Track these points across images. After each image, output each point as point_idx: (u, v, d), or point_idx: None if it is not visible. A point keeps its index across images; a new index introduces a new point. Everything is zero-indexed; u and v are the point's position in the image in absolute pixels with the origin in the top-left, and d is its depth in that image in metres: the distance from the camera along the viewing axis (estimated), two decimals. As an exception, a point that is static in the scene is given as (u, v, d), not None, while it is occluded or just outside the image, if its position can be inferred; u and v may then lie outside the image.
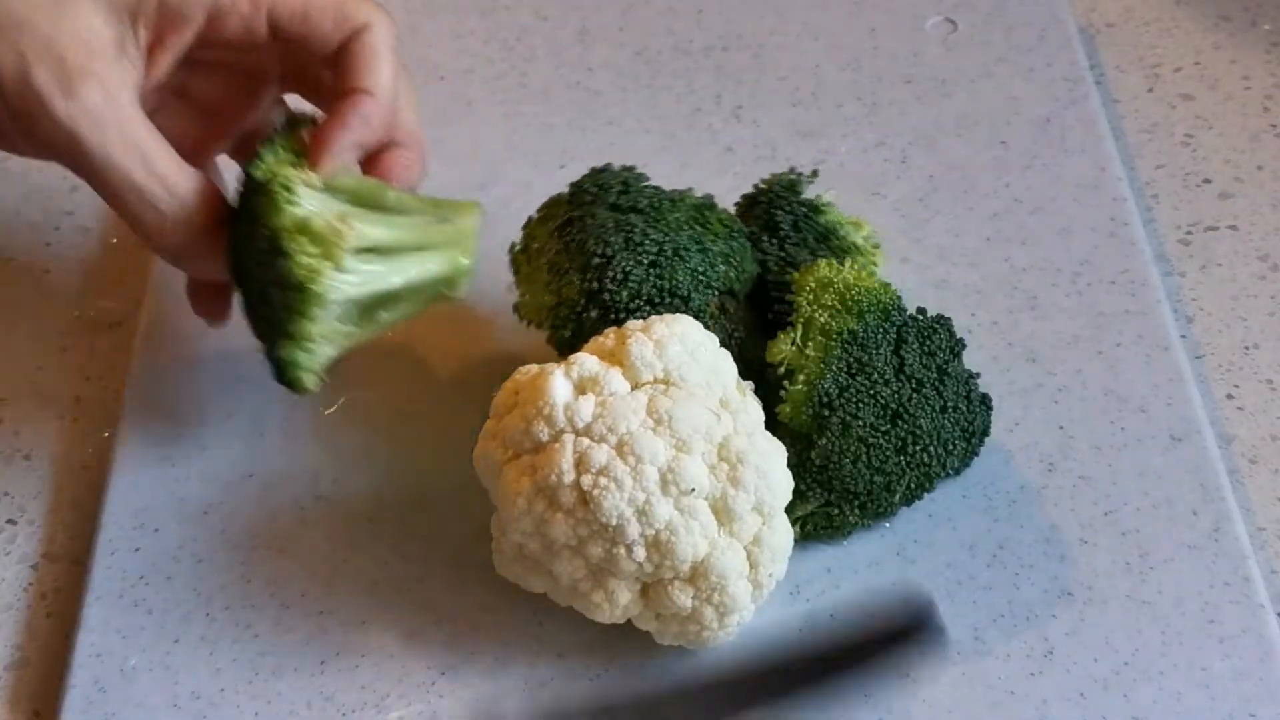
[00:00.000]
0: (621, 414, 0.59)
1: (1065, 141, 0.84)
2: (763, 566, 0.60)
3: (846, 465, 0.64)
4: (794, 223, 0.71)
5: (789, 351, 0.65)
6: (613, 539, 0.59)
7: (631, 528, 0.58)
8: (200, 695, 0.63)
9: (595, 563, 0.60)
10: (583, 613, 0.62)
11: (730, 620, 0.61)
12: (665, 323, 0.62)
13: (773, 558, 0.61)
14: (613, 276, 0.65)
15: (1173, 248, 0.81)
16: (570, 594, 0.61)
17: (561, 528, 0.59)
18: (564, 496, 0.59)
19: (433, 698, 0.63)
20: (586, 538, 0.59)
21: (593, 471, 0.58)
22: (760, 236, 0.71)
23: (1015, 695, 0.62)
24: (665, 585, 0.60)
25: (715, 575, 0.59)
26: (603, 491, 0.58)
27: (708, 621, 0.60)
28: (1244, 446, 0.72)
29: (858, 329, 0.65)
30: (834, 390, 0.64)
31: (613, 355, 0.62)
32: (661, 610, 0.61)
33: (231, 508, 0.69)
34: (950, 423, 0.66)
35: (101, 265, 0.82)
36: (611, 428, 0.59)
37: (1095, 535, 0.67)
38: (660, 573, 0.59)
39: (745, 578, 0.60)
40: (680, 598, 0.60)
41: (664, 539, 0.59)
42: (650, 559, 0.59)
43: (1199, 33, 0.93)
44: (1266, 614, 0.64)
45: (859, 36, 0.91)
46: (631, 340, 0.61)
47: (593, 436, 0.59)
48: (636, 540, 0.59)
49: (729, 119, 0.87)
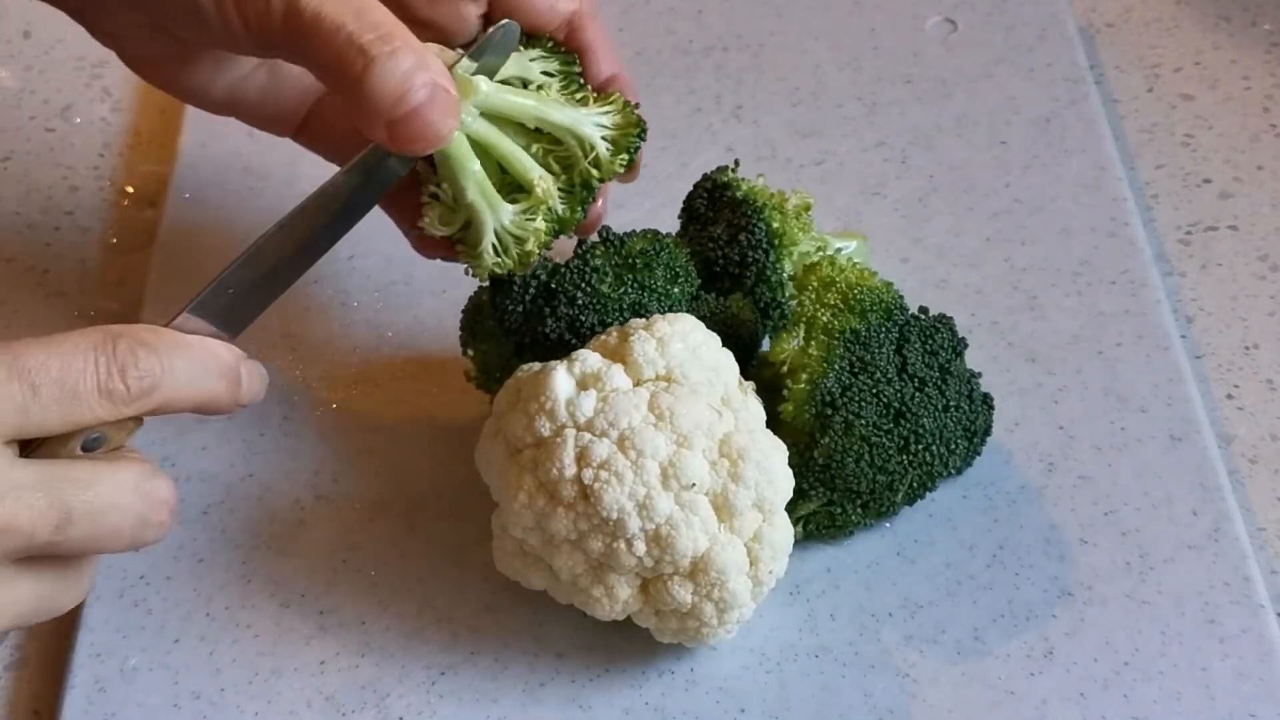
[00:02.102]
0: (623, 409, 0.59)
1: (1065, 141, 0.84)
2: (763, 563, 0.61)
3: (849, 464, 0.64)
4: (709, 202, 0.71)
5: (791, 351, 0.65)
6: (613, 533, 0.59)
7: (632, 522, 0.58)
8: (200, 695, 0.63)
9: (595, 557, 0.60)
10: (582, 609, 0.62)
11: (730, 617, 0.61)
12: (668, 321, 0.62)
13: (773, 555, 0.61)
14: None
15: (1173, 248, 0.81)
16: (570, 590, 0.61)
17: (562, 522, 0.59)
18: (565, 490, 0.59)
19: (433, 698, 0.63)
20: (587, 532, 0.59)
21: (594, 465, 0.59)
22: (689, 229, 0.71)
23: (1015, 695, 0.62)
24: (665, 580, 0.60)
25: (715, 571, 0.59)
26: (604, 485, 0.58)
27: (707, 618, 0.60)
28: (1244, 446, 0.72)
29: (860, 328, 0.65)
30: (837, 389, 0.64)
31: (615, 352, 0.62)
32: (661, 606, 0.61)
33: (231, 508, 0.69)
34: (953, 422, 0.66)
35: (101, 265, 0.82)
36: (613, 423, 0.59)
37: (1095, 535, 0.67)
38: (660, 568, 0.60)
39: (745, 574, 0.60)
40: (680, 593, 0.60)
41: (664, 533, 0.59)
42: (650, 553, 0.59)
43: (1199, 33, 0.93)
44: (1266, 614, 0.64)
45: (859, 36, 0.91)
46: (634, 337, 0.61)
47: (594, 431, 0.59)
48: (637, 534, 0.59)
49: (729, 119, 0.87)
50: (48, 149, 0.87)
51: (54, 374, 0.51)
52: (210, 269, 0.80)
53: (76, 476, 0.52)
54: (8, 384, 0.51)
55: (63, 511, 0.51)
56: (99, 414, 0.52)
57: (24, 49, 0.93)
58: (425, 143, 0.59)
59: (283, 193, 0.82)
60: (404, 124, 0.58)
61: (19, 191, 0.85)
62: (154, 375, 0.53)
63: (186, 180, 0.83)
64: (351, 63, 0.58)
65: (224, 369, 0.56)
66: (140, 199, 0.85)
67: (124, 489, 0.53)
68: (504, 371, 0.68)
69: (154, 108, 0.90)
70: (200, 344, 0.55)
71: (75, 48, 0.93)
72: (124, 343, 0.53)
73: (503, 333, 0.67)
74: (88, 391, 0.52)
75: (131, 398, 0.52)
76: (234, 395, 0.56)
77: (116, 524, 0.53)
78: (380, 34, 0.57)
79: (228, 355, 0.56)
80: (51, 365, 0.51)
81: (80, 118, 0.89)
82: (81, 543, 0.52)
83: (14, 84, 0.91)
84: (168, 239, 0.80)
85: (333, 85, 0.59)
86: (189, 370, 0.54)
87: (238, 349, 0.57)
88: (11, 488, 0.50)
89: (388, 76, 0.57)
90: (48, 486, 0.51)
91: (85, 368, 0.52)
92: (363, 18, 0.58)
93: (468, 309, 0.70)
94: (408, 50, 0.58)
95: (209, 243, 0.80)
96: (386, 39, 0.57)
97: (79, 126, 0.89)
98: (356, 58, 0.57)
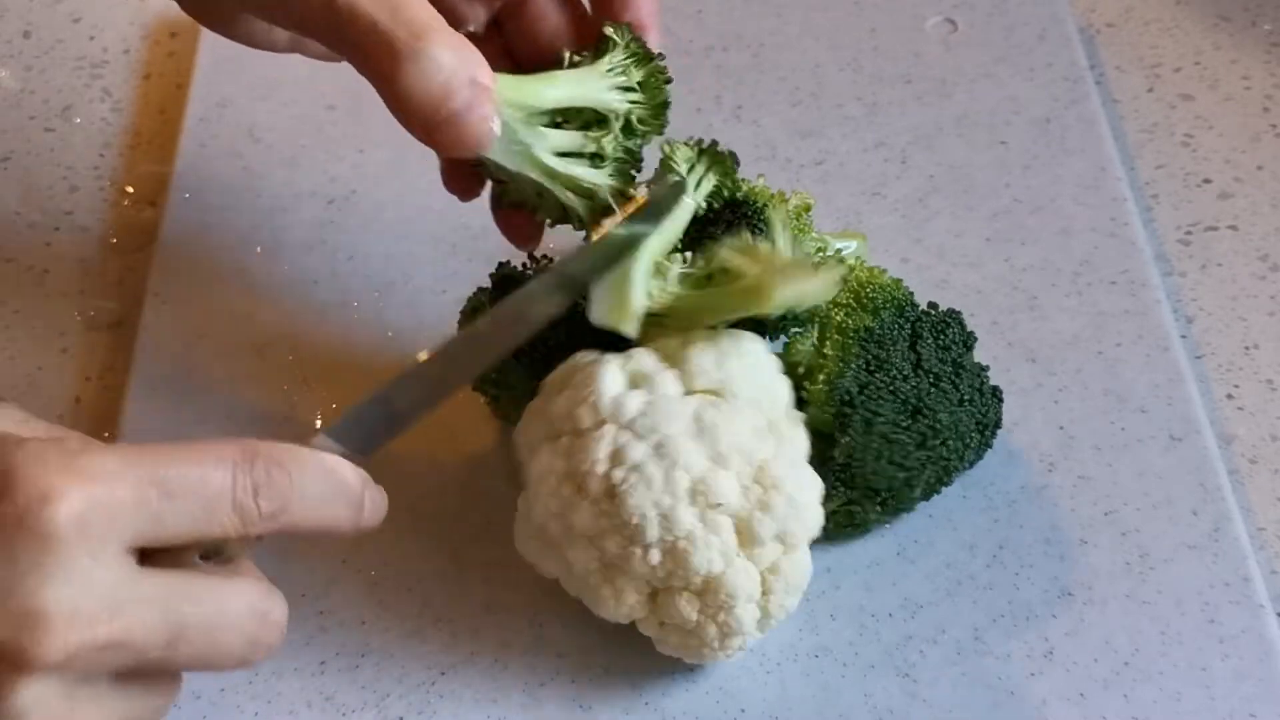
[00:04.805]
0: (666, 416, 0.59)
1: (1065, 141, 0.84)
2: (775, 596, 0.60)
3: (869, 462, 0.64)
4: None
5: (807, 351, 0.65)
6: (631, 537, 0.58)
7: (652, 529, 0.58)
8: (200, 695, 0.63)
9: (610, 558, 0.59)
10: (589, 606, 0.62)
11: (732, 643, 0.60)
12: (732, 337, 0.62)
13: (786, 589, 0.60)
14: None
15: (1173, 248, 0.81)
16: (580, 584, 0.61)
17: (584, 515, 0.59)
18: (593, 485, 0.59)
19: (433, 698, 0.63)
20: (606, 530, 0.59)
21: (625, 466, 0.58)
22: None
23: (1015, 695, 0.62)
24: (674, 594, 0.59)
25: (725, 594, 0.59)
26: (631, 488, 0.58)
27: (709, 639, 0.60)
28: (1244, 446, 0.72)
29: (874, 326, 0.65)
30: (854, 388, 0.64)
31: (673, 357, 0.61)
32: (666, 619, 0.60)
33: (231, 508, 0.69)
34: (967, 416, 0.65)
35: (101, 265, 0.82)
36: (654, 427, 0.59)
37: (1095, 535, 0.67)
38: (671, 581, 0.59)
39: (755, 602, 0.59)
40: (686, 609, 0.59)
41: (681, 547, 0.58)
42: (664, 565, 0.59)
43: (1199, 33, 0.93)
44: (1266, 614, 0.64)
45: (859, 36, 0.91)
46: (694, 346, 0.61)
47: (633, 432, 0.59)
48: (654, 543, 0.58)
49: (729, 119, 0.86)
50: (48, 149, 0.87)
51: (192, 485, 0.49)
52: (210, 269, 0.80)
53: (195, 594, 0.50)
54: (145, 488, 0.49)
55: (176, 629, 0.49)
56: (228, 530, 0.50)
57: (24, 49, 0.93)
58: (465, 149, 0.58)
59: (283, 193, 0.82)
60: (442, 130, 0.57)
61: (19, 191, 0.85)
62: (285, 497, 0.51)
63: (186, 180, 0.83)
64: (383, 61, 0.56)
65: (351, 497, 0.54)
66: (140, 199, 0.85)
67: (240, 609, 0.51)
68: (501, 373, 0.68)
69: (154, 108, 0.90)
70: (330, 468, 0.53)
71: (75, 48, 0.93)
72: (261, 462, 0.51)
73: None
74: (222, 508, 0.50)
75: (262, 518, 0.51)
76: (356, 522, 0.55)
77: (229, 645, 0.51)
78: (413, 30, 0.56)
79: (355, 481, 0.54)
80: (190, 475, 0.49)
81: (80, 118, 0.89)
82: (189, 661, 0.50)
83: (14, 84, 0.91)
84: (168, 239, 0.80)
85: (371, 81, 0.58)
86: (319, 495, 0.53)
87: (364, 473, 0.55)
88: (129, 601, 0.48)
89: (423, 78, 0.56)
90: (165, 600, 0.49)
91: (223, 482, 0.50)
92: (399, 15, 0.56)
93: (466, 310, 0.70)
94: (445, 48, 0.56)
95: (209, 243, 0.80)
96: (421, 34, 0.56)
97: (79, 126, 0.89)
98: (387, 56, 0.56)
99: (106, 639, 0.48)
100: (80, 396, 0.76)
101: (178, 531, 0.49)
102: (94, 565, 0.47)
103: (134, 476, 0.48)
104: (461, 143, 0.58)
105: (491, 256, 0.70)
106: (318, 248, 0.80)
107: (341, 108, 0.86)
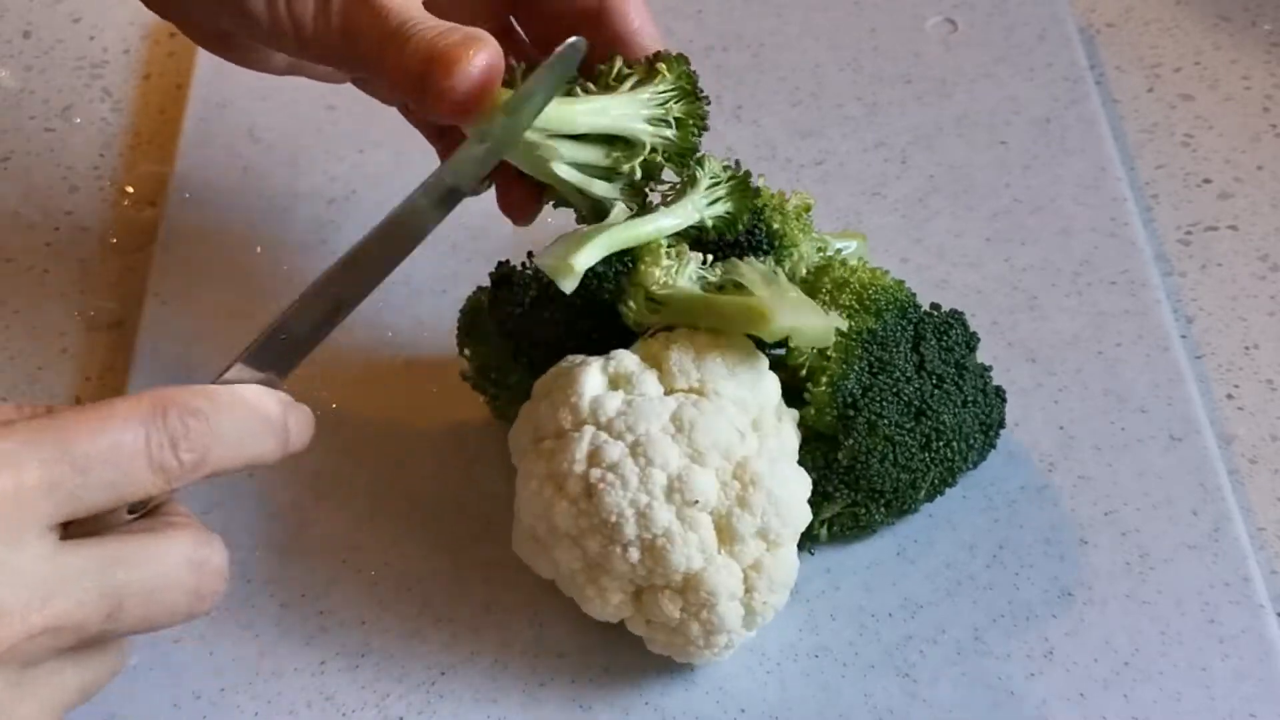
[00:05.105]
0: (644, 415, 0.59)
1: (1065, 141, 0.84)
2: (759, 593, 0.60)
3: (874, 464, 0.64)
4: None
5: (809, 354, 0.65)
6: (609, 536, 0.59)
7: (629, 527, 0.58)
8: (200, 695, 0.63)
9: (592, 557, 0.59)
10: (579, 605, 0.62)
11: (717, 640, 0.60)
12: (712, 335, 0.62)
13: (770, 587, 0.60)
14: None
15: (1173, 248, 0.81)
16: (569, 584, 0.61)
17: (564, 515, 0.59)
18: (571, 485, 0.59)
19: (433, 698, 0.63)
20: (586, 530, 0.59)
21: (602, 466, 0.58)
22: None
23: (1015, 695, 0.62)
24: (656, 592, 0.60)
25: (705, 591, 0.59)
26: (607, 487, 0.58)
27: (694, 637, 0.60)
28: (1244, 446, 0.72)
29: (877, 328, 0.65)
30: (858, 390, 0.64)
31: (654, 358, 0.61)
32: (651, 617, 0.60)
33: (231, 508, 0.69)
34: (970, 416, 0.65)
35: (101, 265, 0.82)
36: (631, 427, 0.59)
37: (1095, 535, 0.67)
38: (653, 579, 0.59)
39: (738, 600, 0.59)
40: (669, 607, 0.59)
41: (659, 545, 0.58)
42: (644, 563, 0.59)
43: (1199, 33, 0.93)
44: (1266, 614, 0.64)
45: (859, 36, 0.91)
46: (674, 346, 0.61)
47: (611, 432, 0.59)
48: (632, 541, 0.58)
49: (729, 119, 0.86)
50: (48, 149, 0.87)
51: (104, 454, 0.48)
52: (210, 269, 0.80)
53: (127, 558, 0.49)
54: (55, 466, 0.47)
55: (114, 600, 0.49)
56: (149, 489, 0.49)
57: (24, 49, 0.93)
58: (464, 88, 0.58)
59: (282, 192, 0.83)
60: (435, 71, 0.58)
61: (19, 191, 0.85)
62: (205, 445, 0.50)
63: (186, 180, 0.83)
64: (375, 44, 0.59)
65: (272, 426, 0.53)
66: (140, 199, 0.85)
67: (177, 563, 0.50)
68: (500, 373, 0.68)
69: (154, 108, 0.90)
70: (248, 403, 0.52)
71: (75, 48, 0.93)
72: (174, 412, 0.50)
73: (500, 334, 0.67)
74: (139, 469, 0.49)
75: (184, 470, 0.50)
76: (282, 449, 0.54)
77: (171, 602, 0.50)
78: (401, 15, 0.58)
79: (275, 408, 0.53)
80: (100, 444, 0.48)
81: (80, 118, 0.89)
82: (134, 625, 0.50)
83: (14, 84, 0.91)
84: (168, 239, 0.80)
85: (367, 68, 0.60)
86: (237, 433, 0.52)
87: (285, 394, 0.54)
88: (59, 582, 0.48)
89: (417, 29, 0.58)
90: (97, 573, 0.48)
91: (135, 444, 0.49)
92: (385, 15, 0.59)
93: (466, 310, 0.70)
94: (432, 19, 0.58)
95: (209, 243, 0.80)
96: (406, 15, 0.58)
97: (79, 126, 0.89)
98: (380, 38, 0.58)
99: (42, 626, 0.47)
100: (80, 396, 0.76)
101: (97, 502, 0.49)
102: (14, 554, 0.47)
103: (40, 458, 0.47)
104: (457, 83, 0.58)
105: (491, 256, 0.70)
106: (318, 248, 0.80)
107: (341, 108, 0.86)
